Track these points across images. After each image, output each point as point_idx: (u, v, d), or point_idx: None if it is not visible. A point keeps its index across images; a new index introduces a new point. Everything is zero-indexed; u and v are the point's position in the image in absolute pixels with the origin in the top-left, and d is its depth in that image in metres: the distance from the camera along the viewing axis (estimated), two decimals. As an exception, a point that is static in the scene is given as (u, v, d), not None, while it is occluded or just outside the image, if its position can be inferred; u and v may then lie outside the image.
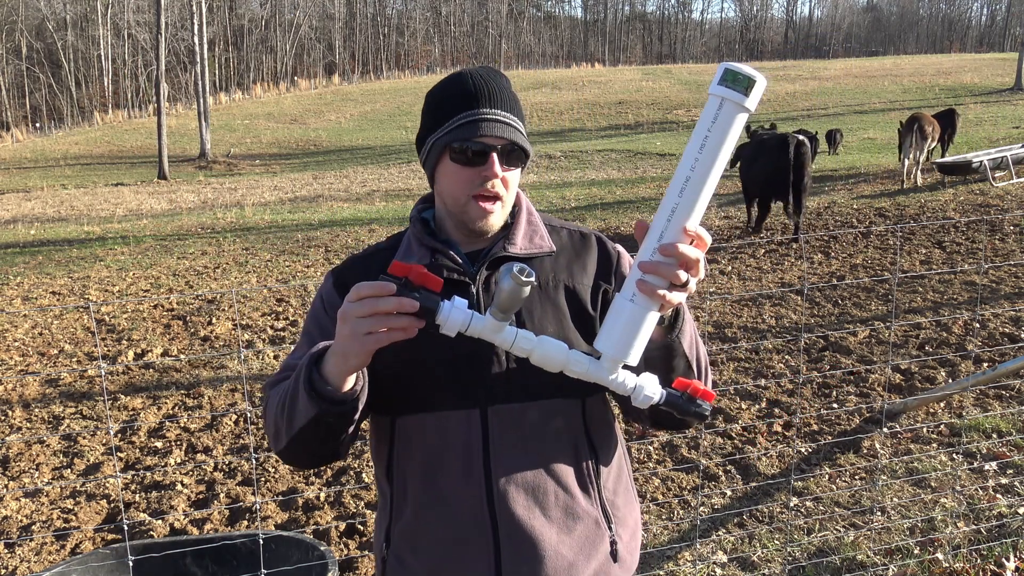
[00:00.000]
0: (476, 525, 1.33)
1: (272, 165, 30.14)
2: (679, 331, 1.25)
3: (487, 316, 1.12)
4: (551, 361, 1.15)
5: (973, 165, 12.58)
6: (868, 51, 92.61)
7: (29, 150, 38.98)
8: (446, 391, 1.32)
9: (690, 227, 1.08)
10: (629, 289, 1.11)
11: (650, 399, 1.15)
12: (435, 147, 1.34)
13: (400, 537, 1.39)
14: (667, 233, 1.08)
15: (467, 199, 1.33)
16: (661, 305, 1.10)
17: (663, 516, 3.53)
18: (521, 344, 1.14)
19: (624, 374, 1.15)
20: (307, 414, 1.19)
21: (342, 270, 1.44)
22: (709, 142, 1.05)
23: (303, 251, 10.38)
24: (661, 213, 1.09)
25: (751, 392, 4.84)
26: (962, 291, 6.72)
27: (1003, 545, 3.10)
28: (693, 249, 1.09)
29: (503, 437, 1.33)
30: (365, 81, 66.60)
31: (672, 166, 19.83)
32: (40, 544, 3.50)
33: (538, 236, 1.42)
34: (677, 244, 1.07)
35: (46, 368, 5.95)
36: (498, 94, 1.33)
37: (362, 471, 4.05)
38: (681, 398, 1.16)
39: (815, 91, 39.95)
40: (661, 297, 1.09)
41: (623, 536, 1.43)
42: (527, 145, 1.35)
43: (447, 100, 1.34)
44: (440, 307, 1.09)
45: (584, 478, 1.39)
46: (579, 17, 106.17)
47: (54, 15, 60.07)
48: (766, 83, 1.05)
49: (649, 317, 1.10)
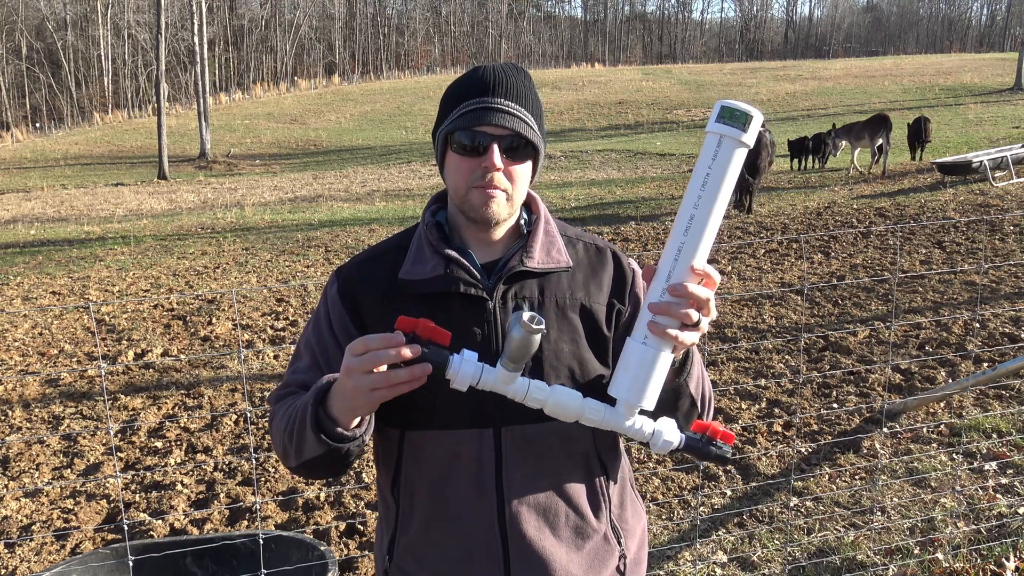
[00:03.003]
0: (486, 543, 1.30)
1: (272, 165, 30.14)
2: (687, 374, 1.22)
3: (498, 368, 1.10)
4: (566, 411, 1.13)
5: (973, 165, 12.59)
6: (868, 51, 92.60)
7: (29, 150, 38.98)
8: (461, 410, 1.27)
9: (698, 266, 1.06)
10: (641, 332, 1.09)
11: (670, 445, 1.14)
12: (440, 138, 1.30)
13: (405, 550, 1.36)
14: (675, 273, 1.07)
15: (468, 189, 1.27)
16: (674, 347, 1.08)
17: (663, 516, 3.53)
18: (535, 395, 1.12)
19: (641, 420, 1.14)
20: (315, 451, 1.19)
21: (348, 273, 1.37)
22: (711, 179, 1.05)
23: (303, 251, 10.38)
24: (668, 253, 1.08)
25: (751, 392, 4.84)
26: (962, 291, 6.72)
27: (1003, 545, 3.10)
28: (703, 288, 1.07)
29: (516, 458, 1.29)
30: (365, 81, 66.59)
31: (672, 166, 19.83)
32: (40, 544, 3.50)
33: (555, 249, 1.36)
34: (686, 284, 1.06)
35: (46, 368, 5.95)
36: (509, 85, 1.27)
37: (362, 471, 4.05)
38: (700, 441, 1.15)
39: (815, 91, 39.95)
40: (674, 338, 1.07)
41: (631, 548, 1.42)
42: (535, 139, 1.28)
43: (459, 90, 1.29)
44: (450, 362, 1.08)
45: (596, 497, 1.37)
46: (579, 17, 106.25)
47: (54, 15, 60.08)
48: (763, 118, 1.05)
49: (662, 359, 1.09)
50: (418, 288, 1.31)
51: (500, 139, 1.25)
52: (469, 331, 1.28)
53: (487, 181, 1.26)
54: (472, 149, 1.25)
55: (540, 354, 1.29)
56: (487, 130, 1.25)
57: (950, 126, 23.35)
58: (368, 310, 1.33)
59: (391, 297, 1.32)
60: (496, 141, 1.25)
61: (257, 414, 4.80)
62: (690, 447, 1.14)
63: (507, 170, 1.27)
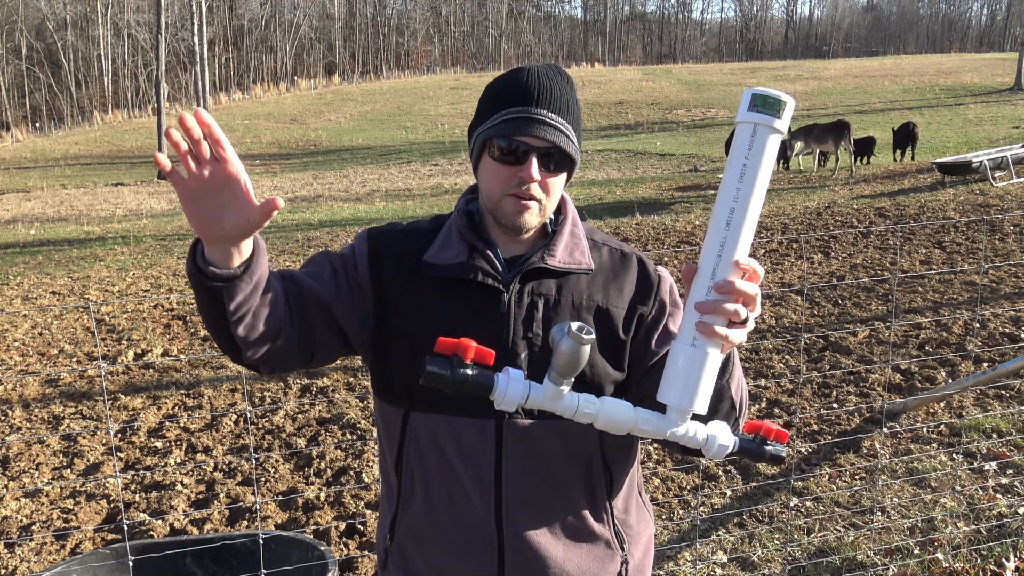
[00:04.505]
0: (482, 533, 1.31)
1: (272, 165, 30.13)
2: (729, 375, 1.19)
3: (546, 383, 1.06)
4: (618, 424, 1.09)
5: (973, 165, 12.59)
6: (868, 51, 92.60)
7: (29, 150, 38.98)
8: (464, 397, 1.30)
9: (742, 260, 1.04)
10: (688, 333, 1.05)
11: (725, 449, 1.10)
12: (478, 140, 1.30)
13: (406, 530, 1.37)
14: (719, 270, 1.03)
15: (501, 196, 1.27)
16: (722, 346, 1.06)
17: (663, 516, 3.53)
18: (585, 410, 1.08)
19: (694, 426, 1.10)
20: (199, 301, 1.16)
21: (379, 236, 1.38)
22: (748, 169, 1.02)
23: (303, 251, 10.38)
24: (709, 250, 1.04)
25: (751, 392, 4.84)
26: (962, 291, 6.72)
27: (1003, 545, 3.10)
28: (748, 284, 1.04)
29: (516, 452, 1.30)
30: (365, 81, 66.59)
31: (672, 166, 19.83)
32: (40, 544, 3.50)
33: (578, 251, 1.35)
34: (732, 280, 1.03)
35: (46, 368, 5.95)
36: (553, 96, 1.26)
37: (362, 471, 4.05)
38: (754, 443, 1.11)
39: (815, 91, 39.95)
40: (723, 337, 1.04)
41: (635, 555, 1.41)
42: (573, 151, 1.28)
43: (500, 94, 1.28)
44: (496, 383, 1.04)
45: (596, 501, 1.36)
46: (579, 17, 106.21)
47: (54, 15, 60.06)
48: (795, 103, 1.03)
49: (711, 360, 1.05)
50: (439, 272, 1.32)
51: (539, 150, 1.25)
52: (483, 320, 1.29)
53: (523, 191, 1.26)
54: (511, 158, 1.25)
55: (540, 346, 1.29)
56: (528, 140, 1.24)
57: (950, 126, 23.36)
58: (389, 280, 1.34)
59: (413, 276, 1.33)
60: (535, 152, 1.24)
61: (257, 414, 4.81)
62: (744, 449, 1.11)
63: (544, 182, 1.27)
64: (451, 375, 1.02)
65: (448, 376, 1.02)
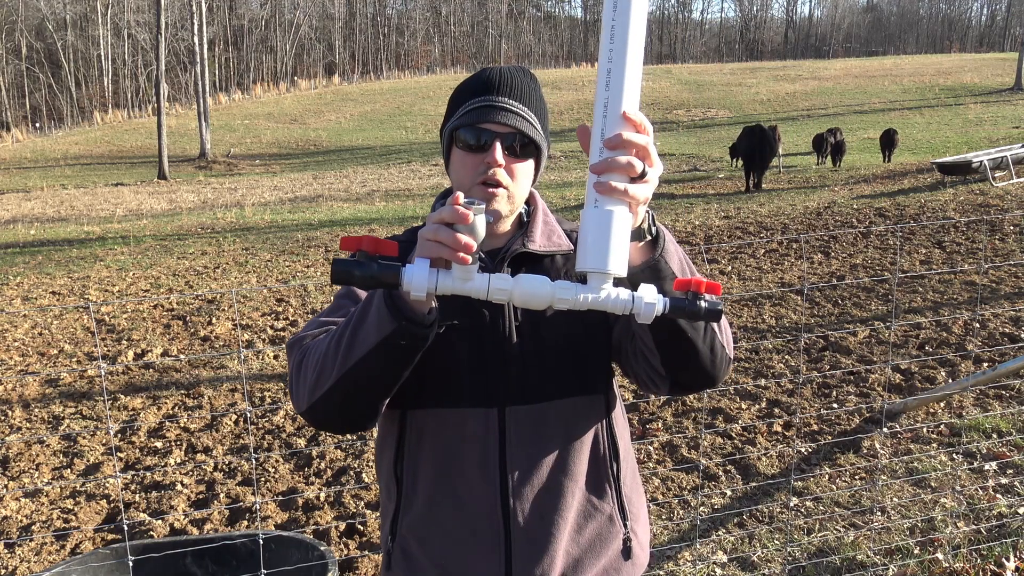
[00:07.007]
0: (488, 522, 1.31)
1: (272, 165, 30.14)
2: (662, 249, 1.15)
3: (453, 267, 1.05)
4: (535, 298, 1.06)
5: (973, 165, 12.60)
6: (868, 51, 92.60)
7: (29, 150, 38.99)
8: (464, 388, 1.30)
9: (629, 112, 1.04)
10: (590, 197, 1.05)
11: (652, 307, 1.04)
12: (446, 136, 1.33)
13: (408, 529, 1.37)
14: (607, 128, 1.04)
15: (471, 186, 1.29)
16: (628, 204, 1.04)
17: (663, 516, 3.53)
18: (497, 285, 1.06)
19: (617, 289, 1.06)
20: (380, 333, 1.11)
21: None
22: (616, 30, 1.04)
23: (303, 251, 10.38)
24: (597, 111, 1.06)
25: (751, 392, 4.84)
26: (962, 291, 6.72)
27: (1003, 545, 3.10)
28: (638, 135, 1.04)
29: (520, 437, 1.31)
30: (365, 81, 66.60)
31: (672, 166, 19.84)
32: (40, 544, 3.50)
33: (555, 235, 1.39)
34: (620, 132, 1.03)
35: (46, 368, 5.95)
36: (513, 85, 1.30)
37: (362, 471, 4.05)
38: (686, 300, 1.06)
39: (815, 91, 39.96)
40: (623, 192, 1.02)
41: (637, 532, 1.43)
42: (538, 138, 1.31)
43: (463, 90, 1.33)
44: (402, 273, 1.03)
45: (602, 477, 1.37)
46: (579, 17, 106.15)
47: (54, 15, 60.06)
48: None
49: (618, 218, 1.03)
50: None
51: (503, 136, 1.28)
52: (476, 312, 1.30)
53: (490, 177, 1.28)
54: (476, 146, 1.28)
55: (538, 330, 1.31)
56: (490, 127, 1.28)
57: (950, 126, 23.36)
58: None
59: None
60: (499, 138, 1.27)
61: (257, 414, 4.81)
62: (677, 308, 1.05)
63: (509, 167, 1.29)
64: (359, 271, 1.02)
65: (356, 272, 1.02)
